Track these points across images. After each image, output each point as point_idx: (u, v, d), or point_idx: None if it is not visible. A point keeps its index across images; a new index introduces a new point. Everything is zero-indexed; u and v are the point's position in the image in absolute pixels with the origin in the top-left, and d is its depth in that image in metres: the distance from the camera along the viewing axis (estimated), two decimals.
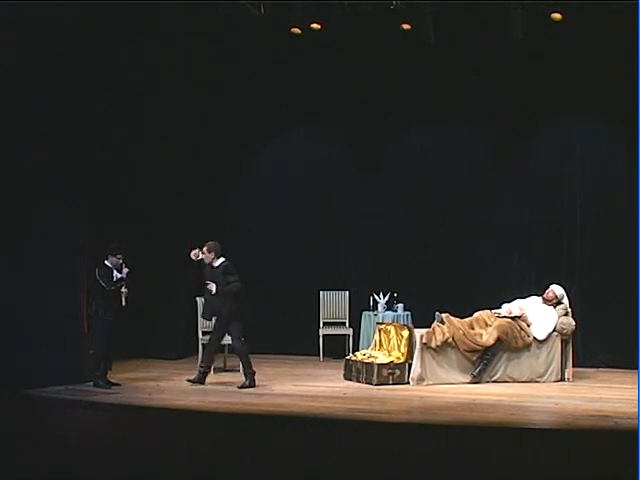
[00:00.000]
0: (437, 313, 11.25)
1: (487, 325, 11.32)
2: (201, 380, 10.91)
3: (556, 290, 11.60)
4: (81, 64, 10.98)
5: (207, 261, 10.98)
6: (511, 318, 11.36)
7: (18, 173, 10.36)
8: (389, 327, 11.56)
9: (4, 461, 8.08)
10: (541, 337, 11.33)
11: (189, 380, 10.92)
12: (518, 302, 11.70)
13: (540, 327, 11.36)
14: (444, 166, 13.28)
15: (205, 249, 10.97)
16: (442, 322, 11.15)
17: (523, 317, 11.42)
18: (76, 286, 11.04)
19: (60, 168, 10.79)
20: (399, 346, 11.21)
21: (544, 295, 11.59)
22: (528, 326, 11.37)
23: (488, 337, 11.14)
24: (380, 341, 11.61)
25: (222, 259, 10.99)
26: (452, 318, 11.24)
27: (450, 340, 11.03)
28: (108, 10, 11.04)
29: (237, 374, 11.66)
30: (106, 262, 10.90)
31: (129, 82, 12.35)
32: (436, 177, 13.29)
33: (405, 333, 11.19)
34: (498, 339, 11.15)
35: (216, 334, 11.02)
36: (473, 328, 11.26)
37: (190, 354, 12.82)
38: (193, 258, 11.04)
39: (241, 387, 10.74)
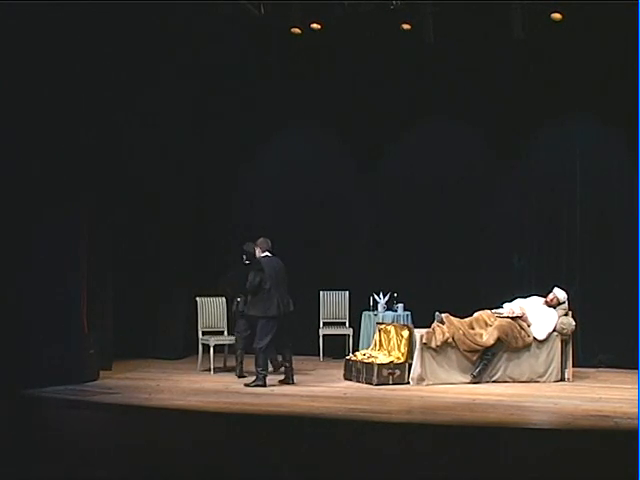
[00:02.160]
0: (437, 313, 11.25)
1: (487, 325, 11.32)
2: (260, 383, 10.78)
3: (559, 295, 11.59)
4: (81, 65, 10.97)
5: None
6: (512, 318, 11.35)
7: (19, 174, 10.36)
8: (389, 327, 11.56)
9: (4, 461, 8.07)
10: (541, 337, 11.32)
11: (246, 384, 10.84)
12: (519, 302, 11.69)
13: (540, 327, 11.36)
14: (444, 166, 13.28)
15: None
16: (442, 322, 11.14)
17: (524, 317, 11.41)
18: (77, 286, 11.04)
19: (61, 169, 10.79)
20: (399, 346, 11.20)
21: (547, 299, 11.58)
22: (528, 326, 11.37)
23: (488, 337, 11.14)
24: (380, 341, 11.61)
25: (265, 254, 11.03)
26: (452, 318, 11.23)
27: (450, 340, 11.02)
28: (108, 10, 11.03)
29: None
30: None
31: (129, 82, 12.34)
32: (436, 177, 13.28)
33: (405, 333, 11.19)
34: (498, 339, 11.15)
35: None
36: (473, 328, 11.26)
37: (190, 354, 12.82)
38: None
39: (247, 384, 10.73)
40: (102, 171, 11.84)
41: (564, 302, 11.57)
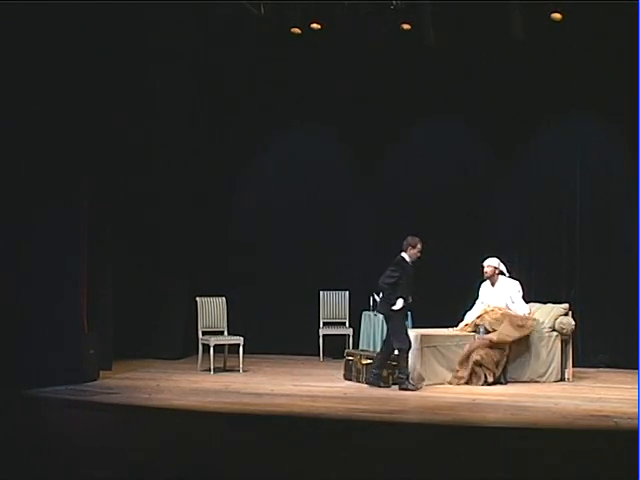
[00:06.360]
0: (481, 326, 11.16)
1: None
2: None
3: (489, 263, 11.49)
4: (82, 64, 10.96)
5: None
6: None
7: (19, 172, 10.35)
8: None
9: (4, 461, 8.07)
10: (502, 304, 11.26)
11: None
12: (477, 305, 11.61)
13: (497, 300, 11.35)
14: (444, 166, 13.28)
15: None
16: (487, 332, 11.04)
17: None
18: (77, 286, 11.03)
19: (61, 168, 10.79)
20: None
21: (489, 279, 11.52)
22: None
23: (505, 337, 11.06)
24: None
25: (402, 254, 10.91)
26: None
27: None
28: (109, 11, 11.03)
29: (237, 374, 11.70)
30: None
31: (129, 82, 12.34)
32: (436, 177, 13.29)
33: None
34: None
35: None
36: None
37: (190, 354, 12.82)
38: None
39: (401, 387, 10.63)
40: (102, 170, 11.84)
41: (499, 266, 11.43)
